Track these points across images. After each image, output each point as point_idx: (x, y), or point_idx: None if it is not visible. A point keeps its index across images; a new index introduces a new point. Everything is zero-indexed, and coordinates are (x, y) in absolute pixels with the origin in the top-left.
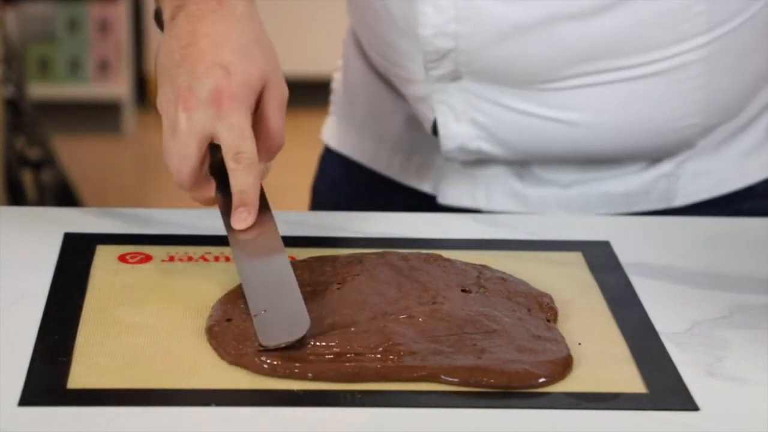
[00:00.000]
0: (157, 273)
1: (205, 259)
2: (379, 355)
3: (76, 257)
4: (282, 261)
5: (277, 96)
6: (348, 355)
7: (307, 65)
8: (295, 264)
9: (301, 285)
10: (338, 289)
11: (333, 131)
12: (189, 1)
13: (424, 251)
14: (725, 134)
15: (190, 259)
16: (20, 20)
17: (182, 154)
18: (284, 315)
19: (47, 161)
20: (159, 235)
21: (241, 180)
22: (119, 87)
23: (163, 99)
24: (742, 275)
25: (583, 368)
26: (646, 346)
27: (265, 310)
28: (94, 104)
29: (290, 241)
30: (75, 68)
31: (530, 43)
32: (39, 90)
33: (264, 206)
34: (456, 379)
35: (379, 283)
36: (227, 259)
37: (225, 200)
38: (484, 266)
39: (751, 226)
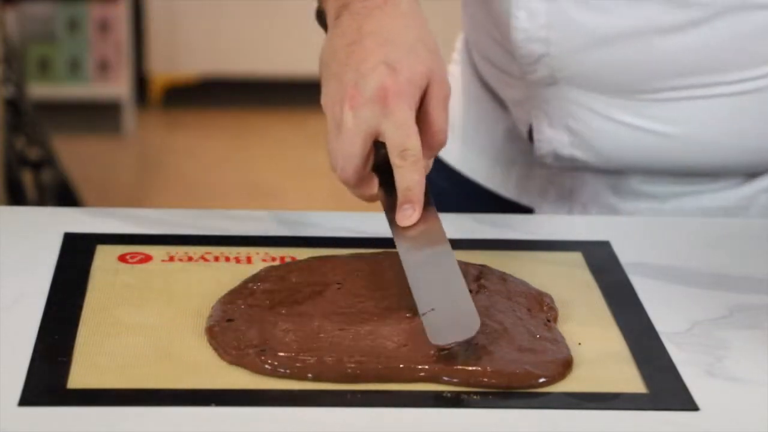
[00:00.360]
0: (157, 273)
1: (205, 259)
2: (379, 357)
3: (76, 257)
4: (448, 258)
5: (441, 93)
6: (348, 356)
7: (309, 65)
8: (295, 264)
9: (301, 285)
10: (338, 289)
11: None
12: (353, 0)
13: None
14: None
15: (190, 259)
16: (20, 20)
17: (348, 152)
18: (453, 313)
19: (47, 161)
20: (159, 235)
21: (407, 177)
22: (119, 87)
23: (328, 97)
24: (742, 275)
25: (583, 368)
26: (646, 346)
27: (433, 309)
28: (94, 104)
29: (290, 241)
30: (75, 68)
31: (621, 53)
32: (39, 90)
33: (428, 203)
34: (456, 380)
35: (380, 283)
36: (227, 259)
37: (388, 197)
38: (484, 266)
39: (751, 226)
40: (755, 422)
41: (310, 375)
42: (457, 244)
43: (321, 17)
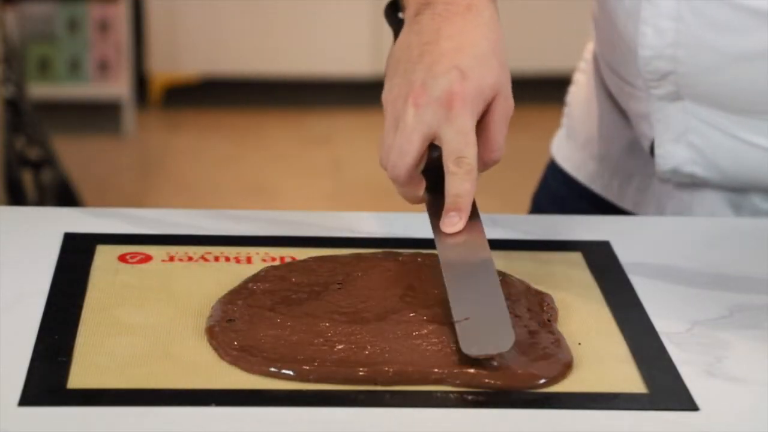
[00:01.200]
0: (157, 273)
1: (205, 259)
2: (378, 360)
3: (76, 257)
4: (488, 269)
5: (505, 108)
6: (349, 359)
7: (309, 65)
8: (295, 264)
9: (301, 285)
10: (338, 289)
11: (561, 145)
12: (436, 0)
13: (424, 251)
14: None
15: (190, 259)
16: (20, 20)
17: (404, 149)
18: (488, 325)
19: (47, 161)
20: (159, 235)
21: (459, 185)
22: (119, 87)
23: (392, 92)
24: (742, 275)
25: (583, 368)
26: (646, 346)
27: (467, 318)
28: (94, 104)
29: (290, 241)
30: (75, 68)
31: (751, 73)
32: (39, 90)
33: (475, 215)
34: (457, 380)
35: (380, 283)
36: (227, 259)
37: (434, 202)
38: None
39: (751, 226)
40: (755, 422)
41: (311, 377)
42: None
43: (391, 12)
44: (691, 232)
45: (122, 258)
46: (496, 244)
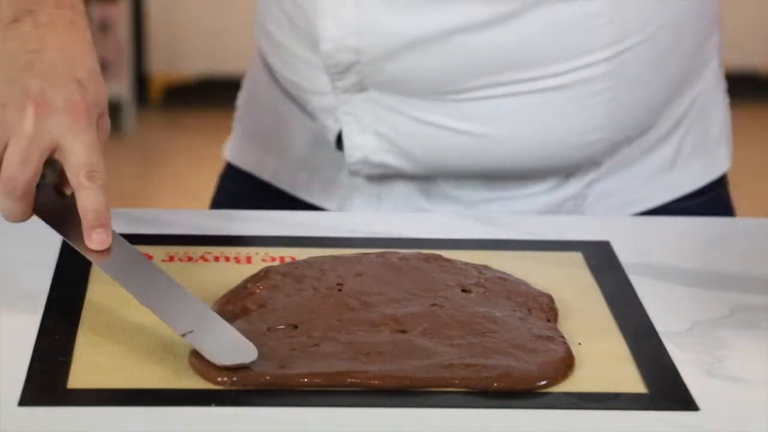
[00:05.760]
0: None
1: (205, 259)
2: (378, 360)
3: (76, 257)
4: (165, 277)
5: (107, 126)
6: (349, 358)
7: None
8: (296, 264)
9: (302, 285)
10: (338, 289)
11: (236, 149)
12: (39, 9)
13: (424, 251)
14: (634, 154)
15: (190, 259)
16: None
17: (24, 158)
18: (219, 336)
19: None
20: (159, 235)
21: (95, 199)
22: (119, 87)
23: None
24: (742, 275)
25: (583, 368)
26: (646, 346)
27: (191, 331)
28: None
29: (290, 241)
30: None
31: (433, 54)
32: None
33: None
34: (457, 380)
35: (379, 283)
36: (227, 259)
37: (61, 224)
38: (484, 266)
39: (751, 226)
40: (755, 422)
41: (306, 380)
42: (457, 244)
43: None
44: (691, 232)
45: None
46: (497, 244)
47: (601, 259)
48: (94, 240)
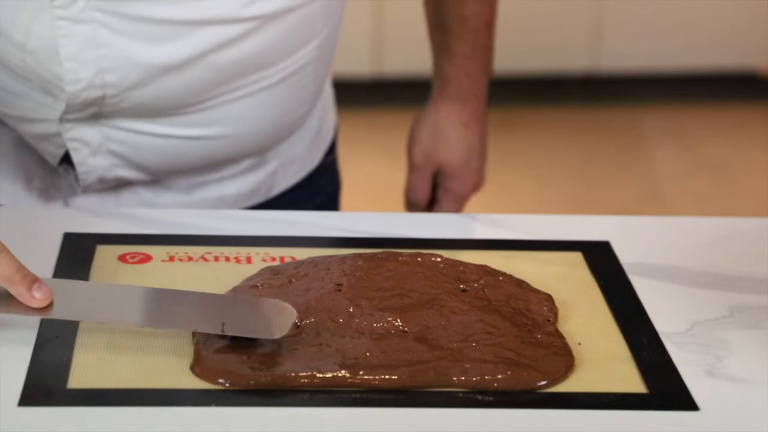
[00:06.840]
0: (157, 273)
1: (205, 259)
2: (378, 360)
3: (76, 257)
4: (159, 291)
5: None
6: (349, 359)
7: None
8: (295, 264)
9: (302, 285)
10: (338, 289)
11: None
12: None
13: (424, 251)
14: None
15: (190, 259)
16: None
17: None
18: (252, 313)
19: None
20: (159, 235)
21: (9, 265)
22: None
23: None
24: (742, 275)
25: (583, 368)
26: (646, 346)
27: (224, 323)
28: None
29: (291, 241)
30: None
31: (182, 77)
32: None
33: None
34: (456, 380)
35: (379, 283)
36: (227, 259)
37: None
38: (484, 266)
39: (751, 226)
40: (755, 422)
41: (305, 380)
42: (457, 244)
43: None
44: (691, 232)
45: (122, 258)
46: (497, 244)
47: (601, 259)
48: (38, 298)
